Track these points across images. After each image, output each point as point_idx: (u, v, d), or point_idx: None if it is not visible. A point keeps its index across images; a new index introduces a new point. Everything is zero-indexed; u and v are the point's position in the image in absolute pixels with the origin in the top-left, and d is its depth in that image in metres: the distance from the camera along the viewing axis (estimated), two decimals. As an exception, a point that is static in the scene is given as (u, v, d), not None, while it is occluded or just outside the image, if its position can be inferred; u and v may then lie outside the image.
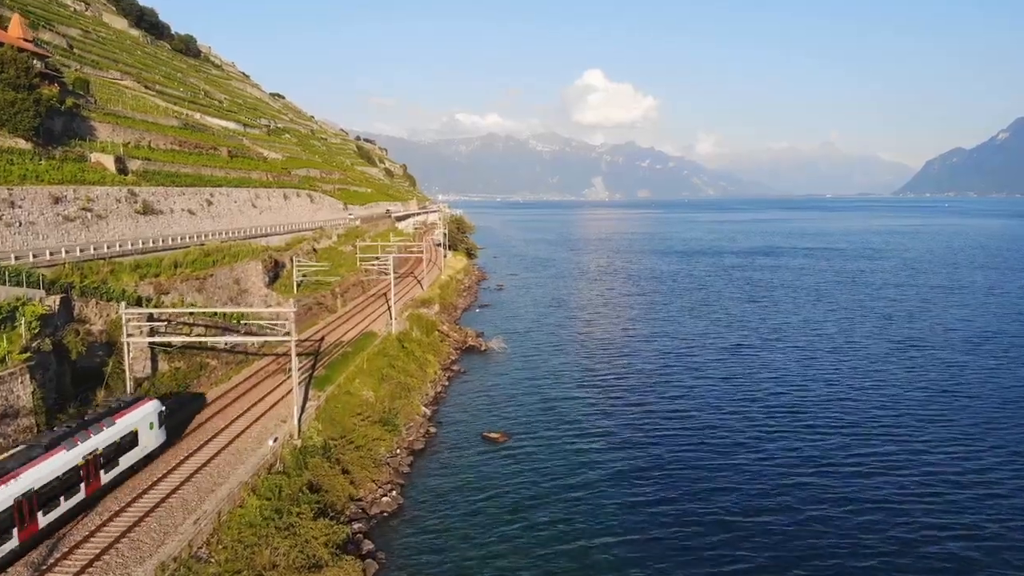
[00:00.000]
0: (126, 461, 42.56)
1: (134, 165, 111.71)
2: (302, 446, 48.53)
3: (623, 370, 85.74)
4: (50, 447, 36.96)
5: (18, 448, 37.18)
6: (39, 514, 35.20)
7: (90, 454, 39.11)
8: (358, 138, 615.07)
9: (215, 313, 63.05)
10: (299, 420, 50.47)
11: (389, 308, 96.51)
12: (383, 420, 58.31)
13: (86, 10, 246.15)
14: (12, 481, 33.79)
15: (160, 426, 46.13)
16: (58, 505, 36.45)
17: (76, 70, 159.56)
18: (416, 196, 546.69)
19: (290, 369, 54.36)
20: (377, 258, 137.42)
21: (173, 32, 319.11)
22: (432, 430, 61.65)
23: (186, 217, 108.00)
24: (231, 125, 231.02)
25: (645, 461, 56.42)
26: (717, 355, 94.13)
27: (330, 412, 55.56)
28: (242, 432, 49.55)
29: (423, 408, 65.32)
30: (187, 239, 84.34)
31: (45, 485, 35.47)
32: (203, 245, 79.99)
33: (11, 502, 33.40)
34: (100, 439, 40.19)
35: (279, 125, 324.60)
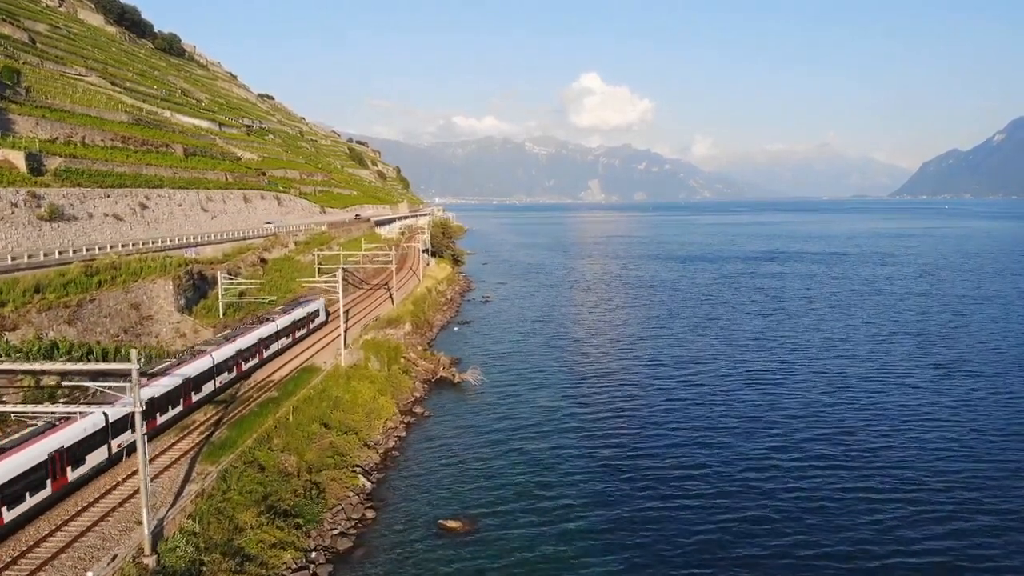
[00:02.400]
0: (313, 325, 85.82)
1: (54, 163, 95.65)
2: (156, 567, 32.65)
3: (621, 410, 69.83)
4: (286, 311, 78.16)
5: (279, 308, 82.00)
6: (285, 338, 74.13)
7: (303, 318, 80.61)
8: (351, 140, 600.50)
9: (77, 353, 46.99)
10: (153, 529, 34.20)
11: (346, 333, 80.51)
12: (296, 508, 42.29)
13: (60, 6, 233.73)
14: (273, 321, 71.95)
15: (324, 311, 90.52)
16: (289, 340, 75.48)
17: (31, 64, 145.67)
18: (409, 199, 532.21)
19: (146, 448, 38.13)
20: (342, 268, 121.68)
21: (156, 31, 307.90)
22: (369, 515, 45.27)
23: (111, 223, 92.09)
24: (204, 124, 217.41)
25: (652, 548, 40.77)
26: (732, 385, 78.40)
27: (218, 501, 39.49)
28: (67, 546, 33.46)
29: (362, 480, 49.04)
30: (58, 253, 67.36)
31: (290, 325, 75.57)
32: (93, 260, 63.77)
33: (277, 328, 72.49)
34: (305, 311, 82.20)
35: (263, 125, 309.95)
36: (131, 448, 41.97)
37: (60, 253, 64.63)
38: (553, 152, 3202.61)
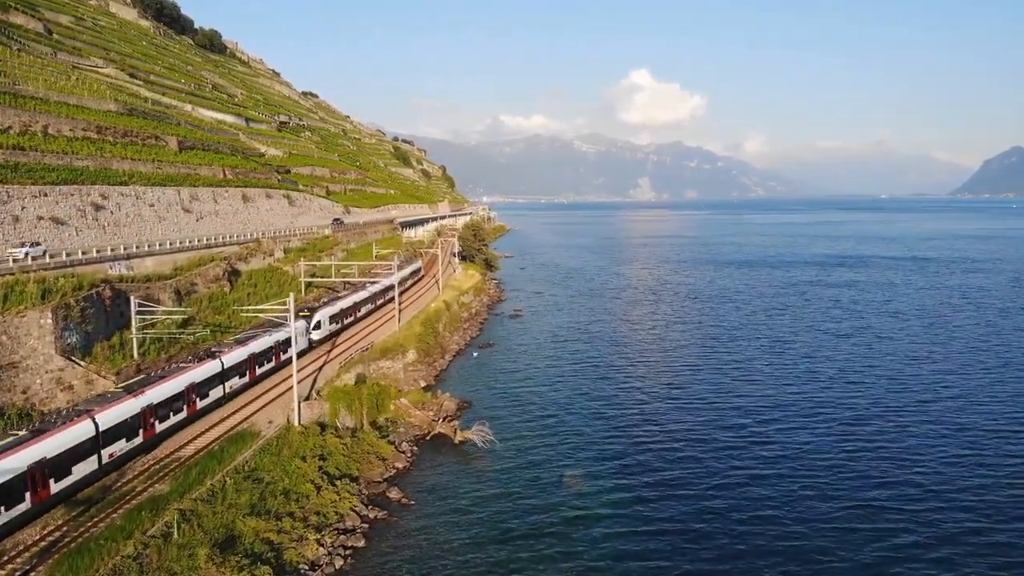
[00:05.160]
0: (417, 277, 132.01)
1: (-11, 155, 79.86)
2: None
3: (680, 488, 49.92)
4: (402, 267, 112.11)
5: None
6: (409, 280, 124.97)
7: (406, 277, 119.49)
8: (396, 139, 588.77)
9: None
10: None
11: (315, 381, 61.75)
12: None
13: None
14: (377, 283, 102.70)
15: (416, 273, 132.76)
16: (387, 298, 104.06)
17: (38, 55, 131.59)
18: (453, 198, 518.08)
19: None
20: (348, 281, 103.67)
21: (196, 27, 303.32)
22: None
23: (46, 228, 75.02)
24: (229, 119, 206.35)
25: None
26: (823, 446, 57.77)
27: None
28: None
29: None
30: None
31: (376, 294, 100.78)
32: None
33: (385, 286, 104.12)
34: (409, 270, 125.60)
35: (301, 122, 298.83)
36: None
37: None
38: (602, 150, 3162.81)
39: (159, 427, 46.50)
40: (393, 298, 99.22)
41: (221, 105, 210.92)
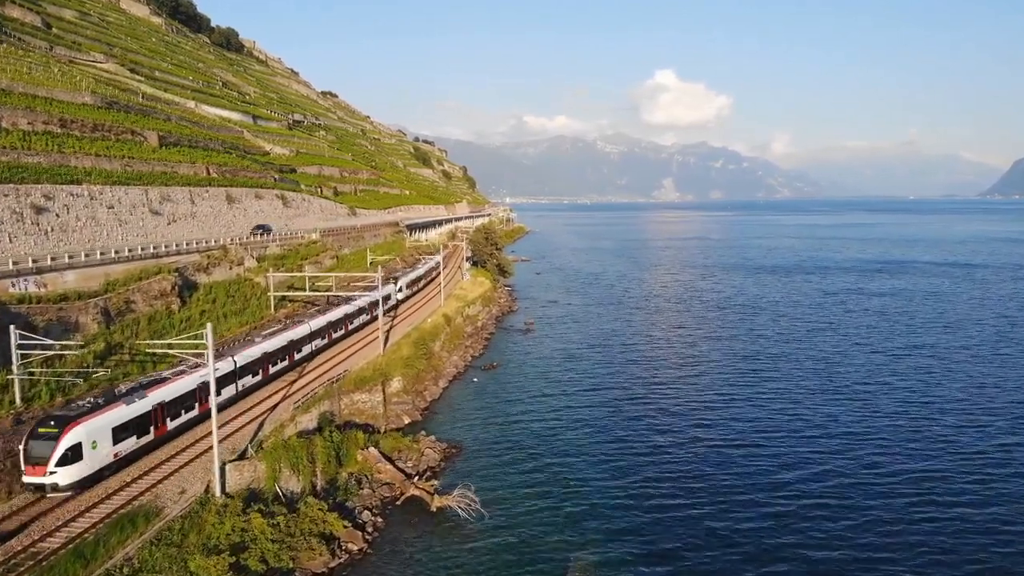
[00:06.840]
0: (434, 275, 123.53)
1: (-86, 151, 69.12)
2: None
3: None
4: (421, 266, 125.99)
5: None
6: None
7: (434, 266, 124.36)
8: (417, 139, 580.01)
9: None
10: None
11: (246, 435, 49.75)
12: None
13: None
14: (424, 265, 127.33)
15: (442, 264, 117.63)
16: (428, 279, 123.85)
17: (35, 48, 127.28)
18: (474, 198, 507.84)
19: None
20: (338, 295, 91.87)
21: (213, 25, 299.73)
22: None
23: (-31, 235, 64.18)
24: (235, 116, 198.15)
25: None
26: (894, 509, 45.07)
27: None
28: None
29: None
30: None
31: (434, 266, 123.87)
32: None
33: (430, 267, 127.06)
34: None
35: (317, 122, 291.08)
36: None
37: None
38: (625, 150, 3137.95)
39: None
40: (441, 275, 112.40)
41: (228, 102, 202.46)
